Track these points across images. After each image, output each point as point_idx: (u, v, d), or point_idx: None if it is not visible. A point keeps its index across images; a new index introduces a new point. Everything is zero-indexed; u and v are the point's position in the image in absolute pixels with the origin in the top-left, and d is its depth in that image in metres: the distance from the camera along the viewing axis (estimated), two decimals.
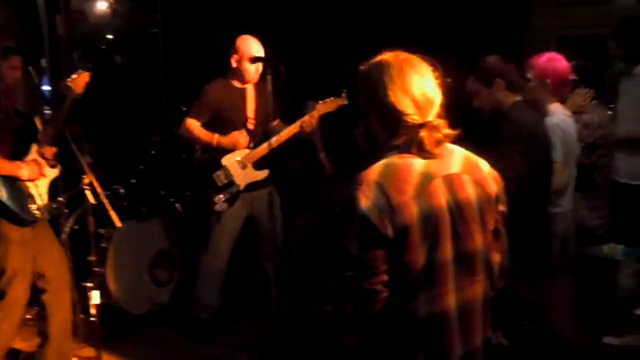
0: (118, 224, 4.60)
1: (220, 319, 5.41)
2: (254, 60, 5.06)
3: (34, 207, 4.37)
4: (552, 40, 6.17)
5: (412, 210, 2.23)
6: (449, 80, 3.90)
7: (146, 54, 7.57)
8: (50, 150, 4.50)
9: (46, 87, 6.94)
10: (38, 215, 4.41)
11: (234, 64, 5.17)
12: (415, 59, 2.38)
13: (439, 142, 2.32)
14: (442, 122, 2.34)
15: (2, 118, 4.29)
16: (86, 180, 4.69)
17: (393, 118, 2.32)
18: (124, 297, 5.50)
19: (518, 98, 4.14)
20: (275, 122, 5.30)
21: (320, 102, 5.22)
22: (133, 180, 6.11)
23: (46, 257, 4.54)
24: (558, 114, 4.39)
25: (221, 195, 5.16)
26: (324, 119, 5.26)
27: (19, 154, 4.36)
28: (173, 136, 6.10)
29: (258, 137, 5.29)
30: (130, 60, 7.65)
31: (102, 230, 5.43)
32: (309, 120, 5.15)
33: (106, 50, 7.65)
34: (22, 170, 4.29)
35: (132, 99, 7.31)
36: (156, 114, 7.19)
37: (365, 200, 2.22)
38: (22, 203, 4.30)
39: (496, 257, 2.49)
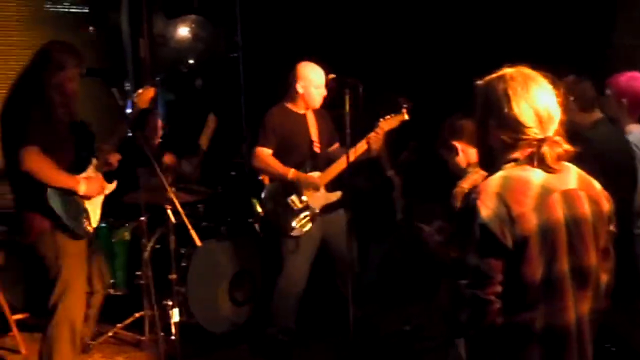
0: (198, 243, 4.64)
1: (297, 339, 5.40)
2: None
3: (86, 222, 4.44)
4: (638, 58, 6.01)
5: (532, 222, 2.25)
6: (572, 98, 3.86)
7: (227, 77, 7.69)
8: (115, 157, 4.60)
9: (129, 110, 7.09)
10: (90, 231, 4.49)
11: (300, 90, 5.17)
12: (537, 75, 2.41)
13: (559, 157, 2.34)
14: (561, 138, 2.37)
15: (62, 130, 4.37)
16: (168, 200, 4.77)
17: (514, 131, 2.34)
18: (203, 315, 5.55)
19: (597, 116, 4.04)
20: (335, 146, 5.32)
21: (381, 119, 5.16)
22: (213, 201, 6.17)
23: (93, 272, 4.67)
24: (635, 133, 4.27)
25: (296, 220, 5.17)
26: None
27: (78, 167, 4.44)
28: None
29: (323, 160, 5.28)
30: (211, 84, 7.77)
31: (182, 250, 5.51)
32: (375, 136, 5.11)
33: (187, 74, 7.80)
34: (81, 185, 4.36)
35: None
36: (236, 136, 7.27)
37: (486, 209, 2.24)
38: (76, 217, 4.37)
39: (604, 277, 2.47)
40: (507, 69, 2.42)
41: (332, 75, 5.06)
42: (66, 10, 6.81)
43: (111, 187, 4.67)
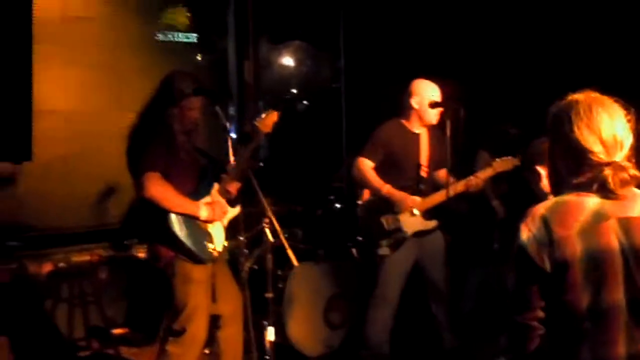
0: (295, 263, 4.66)
1: None
2: (434, 105, 5.02)
3: (211, 246, 4.48)
4: None
5: (575, 247, 2.18)
6: None
7: (329, 103, 7.76)
8: (234, 186, 4.64)
9: (233, 135, 7.23)
10: (215, 255, 4.53)
11: (415, 106, 5.13)
12: (606, 100, 2.34)
13: (624, 183, 2.24)
14: (629, 164, 2.27)
15: (184, 157, 4.43)
16: (266, 220, 4.80)
17: (578, 155, 2.29)
18: (297, 337, 5.56)
19: None
20: (443, 173, 5.12)
21: (497, 160, 5.09)
22: (312, 224, 6.21)
23: (223, 295, 4.63)
24: None
25: (386, 240, 5.14)
26: None
27: (200, 193, 4.50)
28: (352, 183, 6.18)
29: (429, 185, 5.22)
30: (313, 108, 7.85)
31: (279, 271, 5.54)
32: (475, 180, 5.03)
33: (290, 99, 7.90)
34: (202, 210, 4.39)
35: (314, 146, 7.48)
36: (336, 160, 7.31)
37: (527, 232, 2.23)
38: (200, 242, 4.40)
39: None
40: (576, 94, 2.37)
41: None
42: (175, 39, 7.02)
43: (234, 211, 4.72)
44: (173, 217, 4.28)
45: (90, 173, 6.37)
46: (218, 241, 4.52)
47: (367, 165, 5.17)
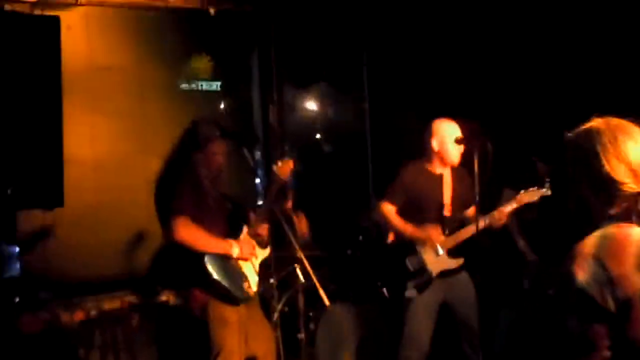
0: (327, 302, 4.66)
1: None
2: (460, 141, 5.01)
3: (246, 285, 4.51)
4: None
5: (634, 282, 2.12)
6: None
7: (354, 146, 7.78)
8: (263, 228, 4.67)
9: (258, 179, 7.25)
10: (251, 294, 4.54)
11: (436, 147, 5.10)
12: (627, 125, 2.30)
13: None
14: None
15: (211, 203, 4.51)
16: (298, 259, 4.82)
17: (609, 188, 2.24)
18: None
19: None
20: (471, 210, 5.11)
21: (522, 192, 5.01)
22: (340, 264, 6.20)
23: (257, 337, 4.66)
24: None
25: (412, 282, 5.09)
26: None
27: (230, 237, 4.55)
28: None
29: (453, 224, 5.18)
30: (338, 151, 7.88)
31: (311, 312, 5.52)
32: (498, 215, 4.95)
33: (315, 143, 7.93)
34: (234, 248, 4.46)
35: (341, 188, 7.48)
36: (364, 202, 7.31)
37: (583, 273, 2.14)
38: (235, 281, 4.45)
39: None
40: (595, 121, 2.33)
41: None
42: (200, 87, 7.09)
43: (265, 252, 4.75)
44: (207, 257, 4.33)
45: (119, 221, 6.40)
46: (252, 281, 4.54)
47: (388, 208, 5.17)
